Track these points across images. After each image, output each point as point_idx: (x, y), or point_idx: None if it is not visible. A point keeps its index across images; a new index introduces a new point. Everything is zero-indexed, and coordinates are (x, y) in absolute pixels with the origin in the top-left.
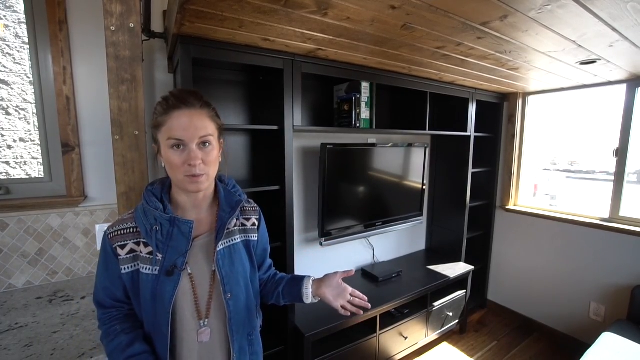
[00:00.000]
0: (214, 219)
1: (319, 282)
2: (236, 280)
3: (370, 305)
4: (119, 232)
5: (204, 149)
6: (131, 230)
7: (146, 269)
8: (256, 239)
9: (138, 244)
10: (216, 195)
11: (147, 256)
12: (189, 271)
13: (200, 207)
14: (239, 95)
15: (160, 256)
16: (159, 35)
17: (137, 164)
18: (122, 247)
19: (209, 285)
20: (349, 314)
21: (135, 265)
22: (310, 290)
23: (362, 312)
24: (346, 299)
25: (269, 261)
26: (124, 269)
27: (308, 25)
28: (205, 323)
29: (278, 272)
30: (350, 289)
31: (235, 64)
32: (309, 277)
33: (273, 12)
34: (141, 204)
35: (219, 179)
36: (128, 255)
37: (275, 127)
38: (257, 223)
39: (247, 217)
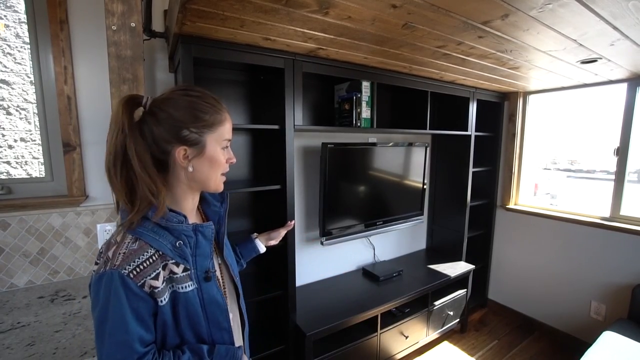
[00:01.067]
0: (201, 216)
1: (269, 237)
2: (234, 262)
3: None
4: (144, 265)
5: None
6: (155, 257)
7: (186, 286)
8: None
9: (165, 267)
10: None
11: (184, 274)
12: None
13: (195, 210)
14: (239, 95)
15: (193, 269)
16: (160, 34)
17: None
18: (156, 277)
19: (221, 277)
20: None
21: (170, 288)
22: (262, 244)
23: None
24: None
25: None
26: (162, 300)
27: (309, 25)
28: (229, 313)
29: None
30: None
31: (236, 64)
32: (255, 237)
33: (274, 12)
34: (141, 228)
35: None
36: (164, 284)
37: (276, 127)
38: (227, 209)
39: None
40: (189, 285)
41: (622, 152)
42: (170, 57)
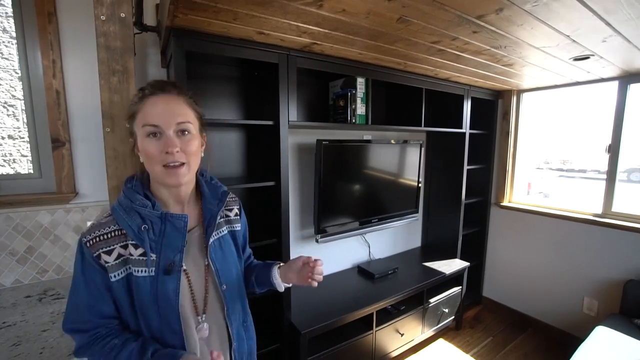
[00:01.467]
0: (199, 212)
1: (285, 269)
2: (229, 271)
3: (321, 264)
4: (101, 238)
5: (182, 137)
6: (115, 233)
7: (140, 271)
8: (239, 228)
9: (125, 246)
10: (198, 189)
11: (140, 258)
12: (184, 267)
13: (183, 202)
14: (233, 91)
15: (154, 256)
16: (152, 28)
17: (129, 157)
18: (109, 252)
19: (203, 280)
20: (315, 284)
21: (126, 270)
22: (278, 279)
23: (320, 277)
24: (308, 273)
25: (248, 250)
26: (114, 276)
27: (303, 18)
28: (203, 318)
29: (254, 260)
30: (305, 261)
31: (230, 59)
32: (276, 265)
33: (267, 4)
34: (117, 204)
35: (200, 173)
36: (117, 261)
37: (270, 123)
38: (238, 212)
39: (229, 207)
40: (143, 271)
41: (613, 150)
42: (163, 52)
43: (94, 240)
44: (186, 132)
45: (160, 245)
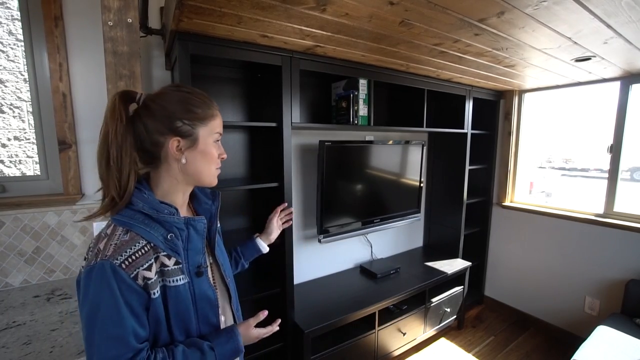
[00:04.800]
0: (192, 214)
1: (266, 234)
2: (228, 264)
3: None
4: (136, 255)
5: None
6: (147, 248)
7: (177, 280)
8: (218, 222)
9: (157, 259)
10: None
11: (175, 267)
12: None
13: (186, 205)
14: (237, 93)
15: (184, 262)
16: (156, 31)
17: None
18: (149, 268)
19: (212, 276)
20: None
21: (160, 283)
22: (263, 244)
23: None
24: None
25: None
26: (154, 293)
27: (306, 22)
28: (219, 312)
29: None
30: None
31: (234, 61)
32: (255, 237)
33: (272, 8)
34: (128, 218)
35: None
36: (156, 276)
37: (273, 124)
38: (218, 207)
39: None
40: (180, 279)
41: (615, 150)
42: (167, 55)
43: (130, 260)
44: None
45: (187, 250)
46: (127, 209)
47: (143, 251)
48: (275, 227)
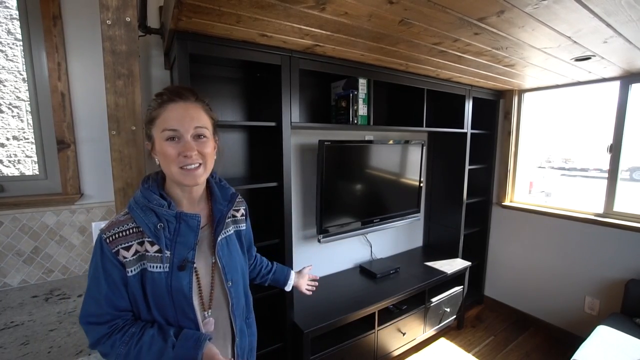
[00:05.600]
0: (208, 212)
1: (298, 276)
2: (234, 268)
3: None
4: (120, 234)
5: (198, 140)
6: (133, 230)
7: (155, 267)
8: (244, 227)
9: (142, 243)
10: (207, 190)
11: (156, 254)
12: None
13: (194, 201)
14: (236, 92)
15: (168, 253)
16: (155, 31)
17: (134, 159)
18: (127, 248)
19: (210, 277)
20: (310, 293)
21: (141, 266)
22: (293, 282)
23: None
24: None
25: (254, 247)
26: (131, 271)
27: (306, 21)
28: (209, 314)
29: (262, 257)
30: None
31: (233, 61)
32: (291, 271)
33: (271, 7)
34: (134, 202)
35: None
36: (134, 257)
37: (273, 124)
38: (244, 213)
39: (236, 208)
40: (158, 267)
41: (615, 149)
42: (166, 54)
43: (113, 237)
44: (202, 137)
45: (174, 242)
46: (138, 195)
47: (128, 232)
48: (301, 285)
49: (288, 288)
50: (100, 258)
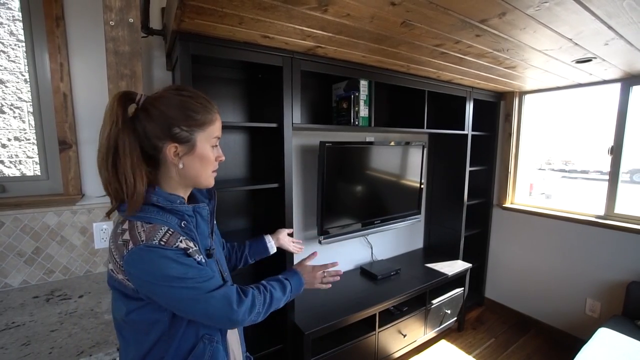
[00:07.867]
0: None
1: (274, 236)
2: (224, 260)
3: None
4: (165, 238)
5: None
6: (171, 231)
7: (200, 259)
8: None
9: (182, 241)
10: None
11: (195, 249)
12: None
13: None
14: (238, 93)
15: (199, 245)
16: (157, 32)
17: None
18: (182, 241)
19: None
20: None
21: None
22: (273, 242)
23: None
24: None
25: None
26: (200, 259)
27: (308, 22)
28: None
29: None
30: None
31: (234, 62)
32: (265, 235)
33: (273, 9)
34: (144, 213)
35: None
36: (190, 250)
37: (274, 125)
38: (215, 205)
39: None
40: (202, 258)
41: (616, 151)
42: (168, 55)
43: (164, 241)
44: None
45: (197, 234)
46: (153, 201)
47: (169, 233)
48: (284, 243)
49: (272, 249)
50: (169, 256)
